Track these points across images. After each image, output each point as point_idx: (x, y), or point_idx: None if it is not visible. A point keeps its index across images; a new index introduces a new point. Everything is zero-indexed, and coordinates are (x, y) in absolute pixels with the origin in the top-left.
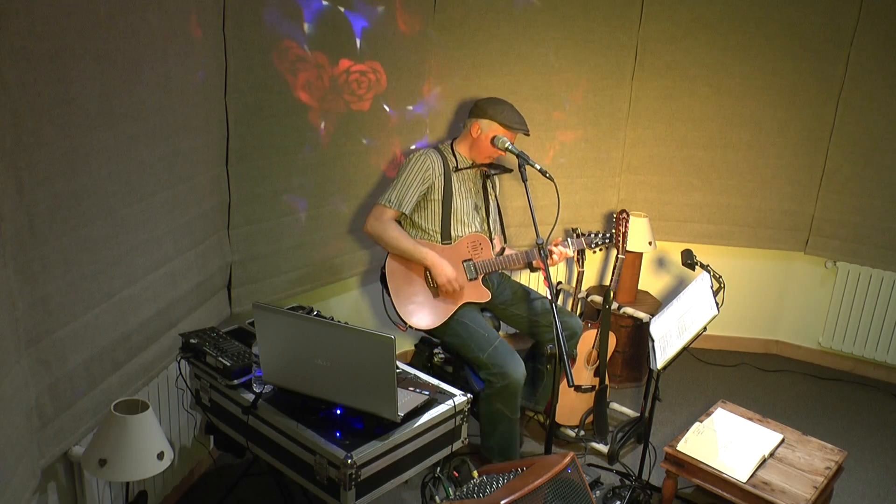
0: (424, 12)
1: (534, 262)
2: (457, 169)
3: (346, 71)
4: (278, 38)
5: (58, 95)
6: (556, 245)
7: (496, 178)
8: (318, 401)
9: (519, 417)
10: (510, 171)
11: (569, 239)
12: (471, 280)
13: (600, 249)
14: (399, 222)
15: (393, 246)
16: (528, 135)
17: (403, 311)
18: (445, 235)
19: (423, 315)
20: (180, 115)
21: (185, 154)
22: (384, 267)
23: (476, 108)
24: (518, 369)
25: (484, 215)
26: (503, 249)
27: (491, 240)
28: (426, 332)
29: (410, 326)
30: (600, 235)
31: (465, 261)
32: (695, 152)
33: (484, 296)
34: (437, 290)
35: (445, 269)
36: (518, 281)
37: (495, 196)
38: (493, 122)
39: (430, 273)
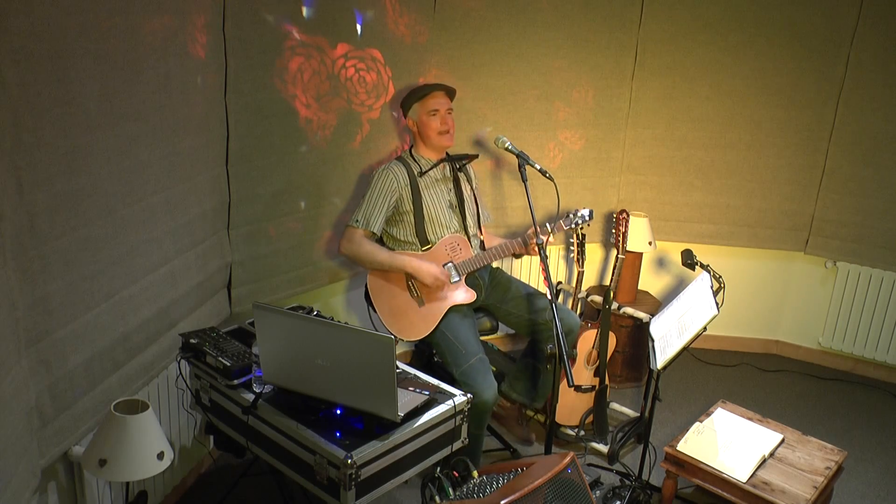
0: (424, 12)
1: (516, 250)
2: (422, 173)
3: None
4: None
5: (58, 95)
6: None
7: (469, 169)
8: (318, 401)
9: (484, 433)
10: (476, 156)
11: (548, 224)
12: (454, 283)
13: (587, 224)
14: (381, 240)
15: (369, 261)
16: (446, 89)
17: (392, 327)
18: (423, 242)
19: (412, 326)
20: (180, 115)
21: (185, 154)
22: (366, 286)
23: (403, 111)
24: (488, 392)
25: (461, 212)
26: (482, 241)
27: (469, 236)
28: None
29: (402, 339)
30: (580, 214)
31: (444, 264)
32: (695, 152)
33: (469, 297)
34: (421, 299)
35: (430, 269)
36: (517, 278)
37: (471, 188)
38: (412, 105)
39: (412, 282)
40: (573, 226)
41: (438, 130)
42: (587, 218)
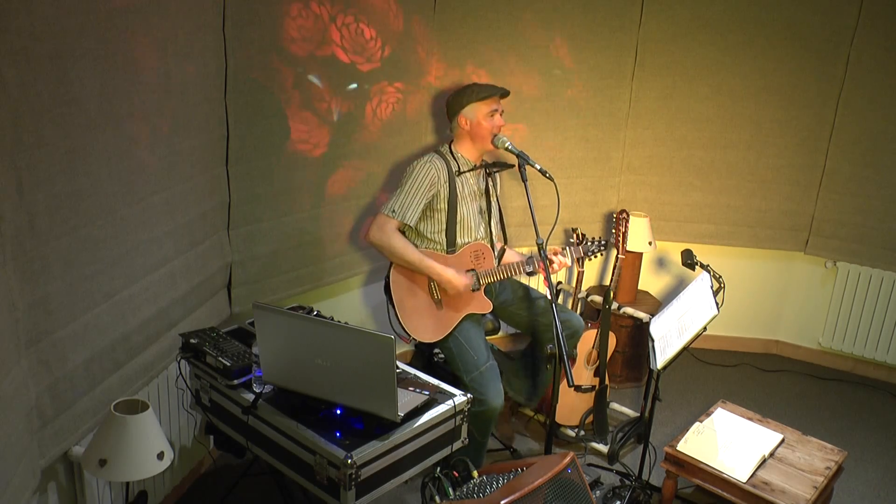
0: (424, 12)
1: (532, 269)
2: (459, 172)
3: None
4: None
5: (58, 95)
6: (554, 254)
7: (497, 176)
8: (318, 401)
9: (488, 441)
10: (512, 166)
11: (567, 248)
12: (473, 291)
13: (597, 257)
14: (403, 231)
15: (397, 257)
16: (507, 94)
17: (407, 325)
18: (450, 243)
19: (427, 328)
20: (180, 115)
21: (185, 154)
22: (388, 278)
23: (452, 106)
24: (497, 399)
25: (488, 218)
26: (504, 250)
27: (493, 243)
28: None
29: (414, 339)
30: (596, 243)
31: (467, 271)
32: (695, 152)
33: (486, 307)
34: (440, 302)
35: (456, 282)
36: (518, 280)
37: (496, 195)
38: (472, 104)
39: (434, 284)
40: (589, 255)
41: (493, 131)
42: (603, 247)
